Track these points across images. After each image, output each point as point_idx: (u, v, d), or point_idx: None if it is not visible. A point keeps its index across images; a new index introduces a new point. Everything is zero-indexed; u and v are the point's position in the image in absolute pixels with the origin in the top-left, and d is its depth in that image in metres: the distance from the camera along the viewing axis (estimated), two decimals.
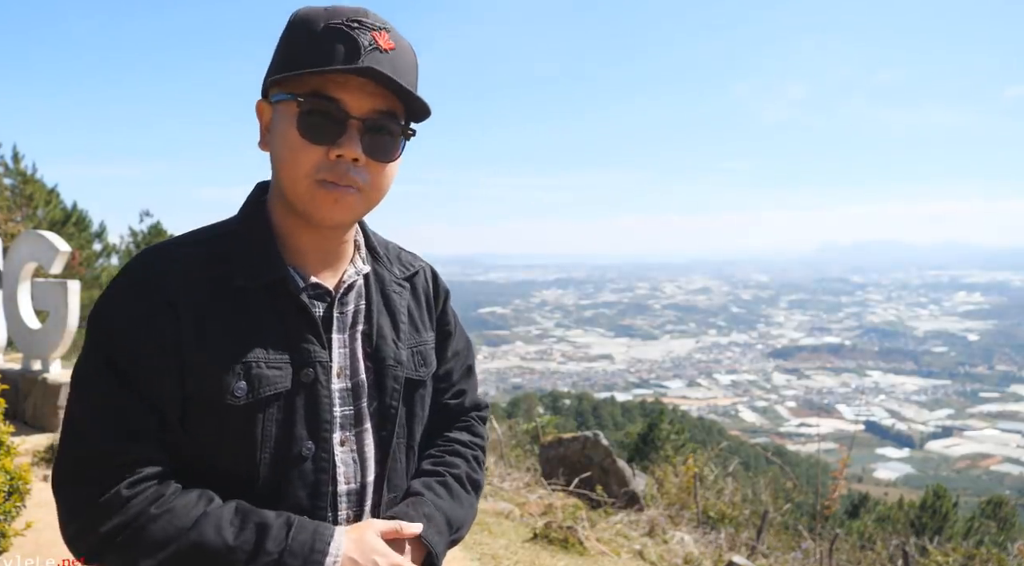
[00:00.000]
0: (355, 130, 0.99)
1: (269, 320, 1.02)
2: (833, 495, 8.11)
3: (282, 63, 1.02)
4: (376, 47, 0.98)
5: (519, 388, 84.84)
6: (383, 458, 1.12)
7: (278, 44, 1.04)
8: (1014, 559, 7.12)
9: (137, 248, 16.94)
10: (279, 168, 1.03)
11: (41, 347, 6.13)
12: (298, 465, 1.02)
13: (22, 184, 13.84)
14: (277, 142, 1.02)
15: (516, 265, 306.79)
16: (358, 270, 1.14)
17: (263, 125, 1.07)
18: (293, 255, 1.08)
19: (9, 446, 2.99)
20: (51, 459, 5.30)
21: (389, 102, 1.01)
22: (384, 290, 1.18)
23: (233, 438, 0.99)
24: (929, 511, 13.01)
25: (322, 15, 1.00)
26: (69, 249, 6.24)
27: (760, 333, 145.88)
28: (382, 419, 1.12)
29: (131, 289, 1.00)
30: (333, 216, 1.02)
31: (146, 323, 0.97)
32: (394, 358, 1.13)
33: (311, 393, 1.03)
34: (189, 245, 1.05)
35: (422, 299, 1.24)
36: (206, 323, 0.99)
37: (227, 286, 1.01)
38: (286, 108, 1.00)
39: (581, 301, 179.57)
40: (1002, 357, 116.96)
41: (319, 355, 1.04)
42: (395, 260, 1.23)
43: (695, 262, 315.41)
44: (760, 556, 6.16)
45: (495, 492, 6.52)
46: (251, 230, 1.07)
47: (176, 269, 1.01)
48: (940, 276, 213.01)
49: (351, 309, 1.12)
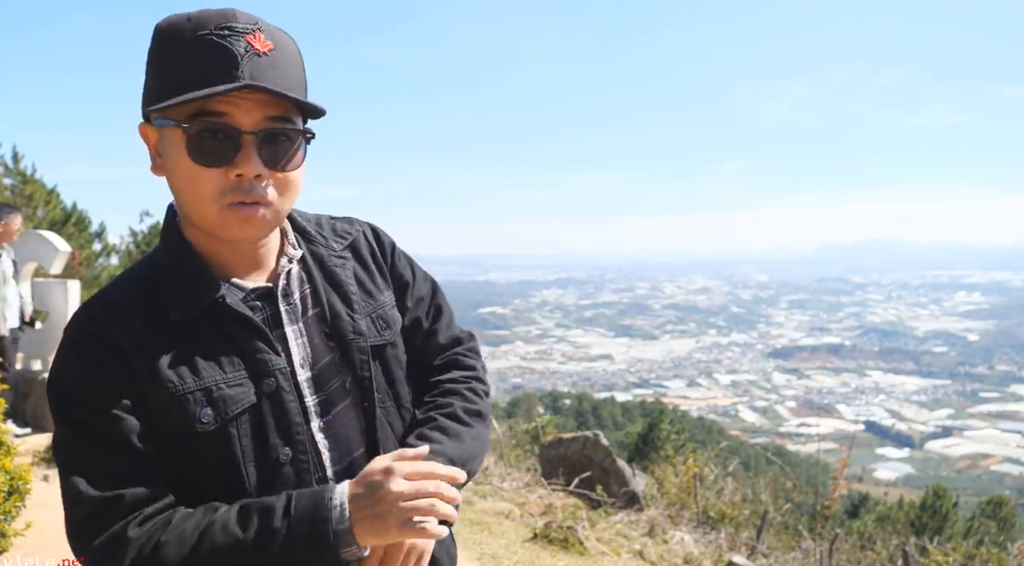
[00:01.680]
0: (250, 145, 0.95)
1: (216, 340, 1.01)
2: (833, 495, 8.11)
3: (156, 87, 0.96)
4: (253, 52, 0.93)
5: (519, 388, 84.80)
6: (368, 429, 1.11)
7: (148, 63, 0.98)
8: (1014, 559, 7.13)
9: (137, 248, 16.94)
10: (180, 196, 1.00)
11: (41, 347, 6.14)
12: (279, 471, 1.02)
13: (22, 184, 13.84)
14: (171, 170, 0.98)
15: (516, 265, 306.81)
16: (290, 256, 1.11)
17: (151, 149, 1.03)
18: (221, 269, 1.06)
19: (9, 446, 3.00)
20: (51, 459, 5.31)
21: (281, 107, 0.97)
22: (324, 267, 1.14)
23: (215, 461, 0.99)
24: (929, 511, 13.01)
25: (187, 26, 0.94)
26: (69, 249, 6.25)
27: (760, 333, 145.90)
28: (359, 392, 1.11)
29: (76, 348, 0.99)
30: (247, 235, 1.00)
31: (99, 375, 0.96)
32: (353, 331, 1.12)
33: (276, 401, 1.03)
34: (120, 288, 1.04)
35: (369, 262, 1.21)
36: (155, 359, 0.97)
37: (167, 319, 1.00)
38: (172, 134, 0.95)
39: (581, 301, 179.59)
40: (1002, 357, 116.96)
41: (274, 362, 1.03)
42: (330, 234, 1.20)
43: (695, 262, 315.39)
44: (760, 556, 6.17)
45: (495, 492, 6.53)
46: (178, 259, 1.05)
47: (112, 314, 0.99)
48: (940, 276, 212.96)
49: (297, 297, 1.10)
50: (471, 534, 4.97)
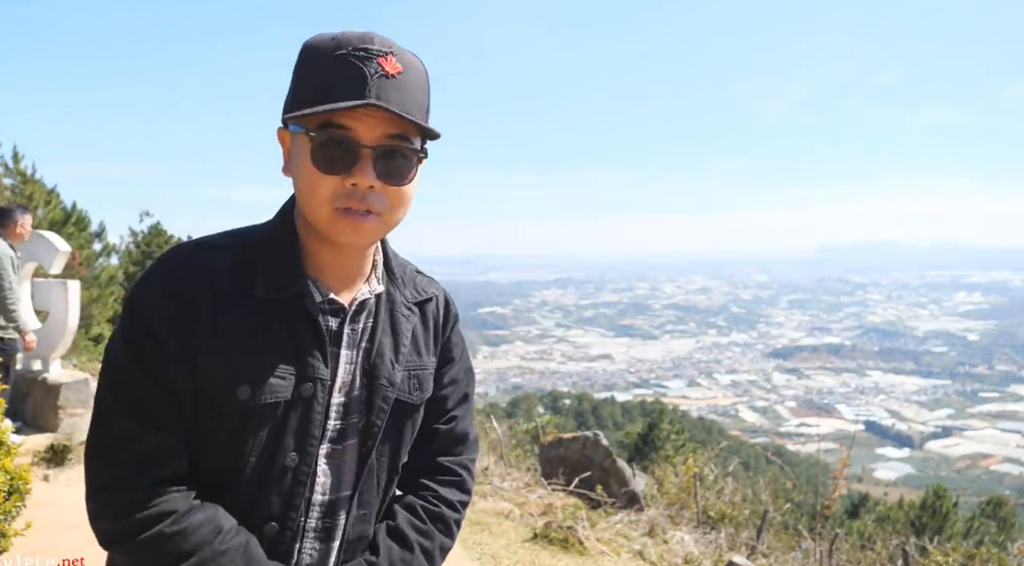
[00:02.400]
0: (367, 158, 1.02)
1: (281, 331, 1.06)
2: (833, 495, 8.10)
3: (295, 96, 1.05)
4: (383, 74, 1.01)
5: (519, 388, 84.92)
6: (360, 472, 1.14)
7: (293, 75, 1.07)
8: (1014, 559, 7.12)
9: (137, 248, 16.95)
10: (301, 197, 1.07)
11: (41, 347, 6.13)
12: (279, 474, 1.05)
13: (22, 184, 13.83)
14: (296, 172, 1.06)
15: (516, 265, 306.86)
16: (372, 289, 1.16)
17: (284, 151, 1.10)
18: (314, 269, 1.11)
19: (9, 446, 3.00)
20: (51, 459, 5.31)
21: (400, 126, 1.03)
22: (393, 311, 1.19)
23: (225, 438, 1.03)
24: (929, 511, 13.02)
25: (329, 46, 1.02)
26: (69, 249, 6.23)
27: (760, 333, 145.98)
28: (365, 436, 1.14)
29: (160, 280, 1.04)
30: (352, 241, 1.06)
31: (169, 314, 1.02)
32: (387, 378, 1.15)
33: (306, 407, 1.07)
34: (218, 249, 1.09)
35: (431, 325, 1.26)
36: (221, 325, 1.03)
37: (247, 293, 1.06)
38: (301, 140, 1.04)
39: (581, 301, 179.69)
40: (1002, 357, 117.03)
41: (320, 371, 1.08)
42: (410, 283, 1.25)
43: (695, 262, 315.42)
44: (760, 556, 6.16)
45: (495, 492, 6.53)
46: (280, 242, 1.11)
47: (202, 270, 1.05)
48: (940, 276, 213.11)
49: (360, 326, 1.15)
50: (471, 534, 4.97)
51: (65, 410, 5.68)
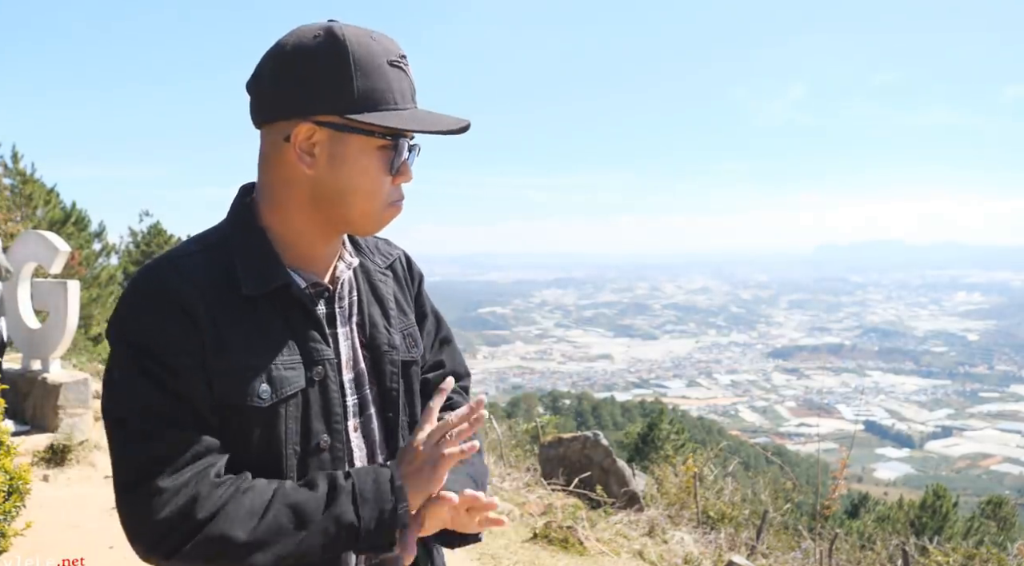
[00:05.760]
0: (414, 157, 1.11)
1: (277, 323, 1.07)
2: (833, 495, 8.09)
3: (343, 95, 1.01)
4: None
5: (519, 388, 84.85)
6: (389, 438, 1.18)
7: (325, 67, 1.01)
8: (1014, 559, 7.11)
9: (137, 248, 16.96)
10: (352, 195, 1.06)
11: (41, 347, 6.13)
12: (317, 456, 1.07)
13: (21, 184, 13.84)
14: (349, 173, 1.05)
15: (516, 265, 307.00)
16: (348, 263, 1.18)
17: (305, 147, 1.04)
18: (292, 259, 1.11)
19: (9, 446, 3.00)
20: (51, 459, 5.31)
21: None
22: (371, 280, 1.23)
23: (258, 438, 1.03)
24: (929, 511, 13.03)
25: (375, 47, 1.04)
26: (69, 249, 6.23)
27: (760, 333, 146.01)
28: (385, 403, 1.18)
29: (146, 300, 1.01)
30: (383, 227, 1.13)
31: (169, 330, 0.99)
32: (388, 343, 1.19)
33: (323, 389, 1.09)
34: (190, 256, 1.06)
35: (403, 283, 1.31)
36: (222, 330, 1.01)
37: (234, 294, 1.05)
38: (361, 142, 1.04)
39: (581, 301, 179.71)
40: (1002, 357, 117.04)
41: (325, 353, 1.10)
42: (375, 250, 1.29)
43: (695, 262, 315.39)
44: (760, 556, 6.16)
45: (495, 492, 6.53)
46: (248, 238, 1.09)
47: (183, 280, 1.02)
48: (940, 276, 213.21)
49: (347, 302, 1.18)
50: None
51: (65, 410, 5.68)
